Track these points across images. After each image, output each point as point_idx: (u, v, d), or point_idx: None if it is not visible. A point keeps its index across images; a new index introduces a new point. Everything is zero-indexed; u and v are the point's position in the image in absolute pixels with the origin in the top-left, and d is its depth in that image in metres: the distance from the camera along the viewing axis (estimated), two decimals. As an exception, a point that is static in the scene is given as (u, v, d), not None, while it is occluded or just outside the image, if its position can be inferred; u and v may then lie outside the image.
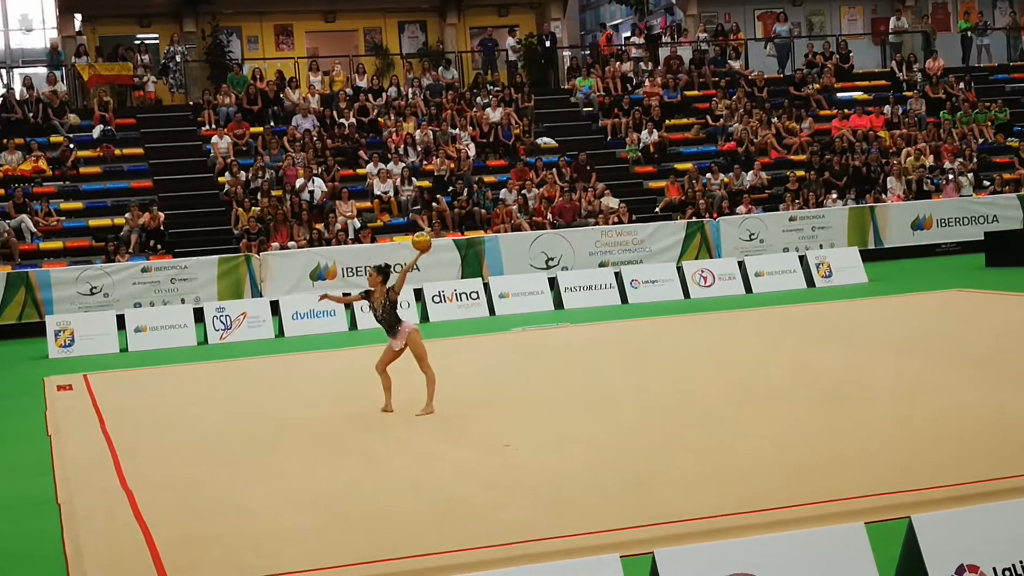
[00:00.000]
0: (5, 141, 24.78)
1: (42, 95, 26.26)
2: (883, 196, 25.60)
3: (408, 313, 19.00)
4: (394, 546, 7.34)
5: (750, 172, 26.17)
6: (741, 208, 24.73)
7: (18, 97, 26.42)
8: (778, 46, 31.65)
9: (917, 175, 26.31)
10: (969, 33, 32.69)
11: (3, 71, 28.34)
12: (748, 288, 20.89)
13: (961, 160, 26.95)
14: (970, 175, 26.51)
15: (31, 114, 25.84)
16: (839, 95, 30.11)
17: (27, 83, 26.68)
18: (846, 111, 28.76)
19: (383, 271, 11.52)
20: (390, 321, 11.46)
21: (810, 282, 21.17)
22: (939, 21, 34.16)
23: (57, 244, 22.76)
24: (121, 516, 8.38)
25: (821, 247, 23.19)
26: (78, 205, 24.10)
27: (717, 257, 22.82)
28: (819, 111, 29.26)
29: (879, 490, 7.90)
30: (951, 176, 26.16)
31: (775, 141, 27.66)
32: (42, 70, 28.24)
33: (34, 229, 22.75)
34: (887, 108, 29.16)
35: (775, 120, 28.23)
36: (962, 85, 30.42)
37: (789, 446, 9.40)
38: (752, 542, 5.98)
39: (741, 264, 21.39)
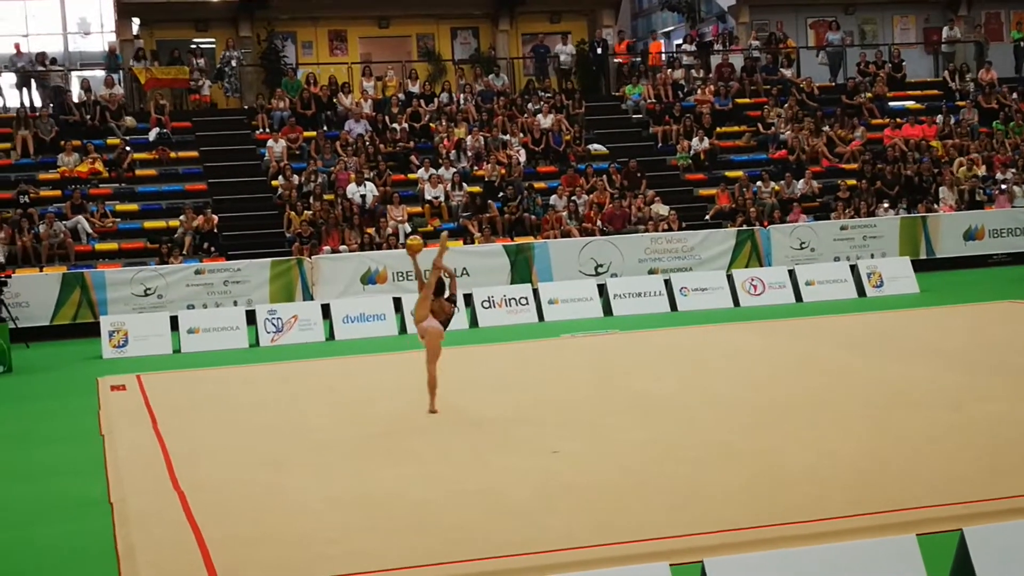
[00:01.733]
0: (63, 143, 24.94)
1: (99, 98, 26.43)
2: (935, 206, 25.33)
3: (458, 318, 18.80)
4: (440, 550, 7.35)
5: (801, 180, 25.95)
6: (792, 216, 24.54)
7: (76, 99, 26.58)
8: (830, 54, 31.29)
9: (969, 185, 25.99)
10: (1022, 43, 32.24)
11: (62, 73, 28.53)
12: (798, 297, 20.74)
13: (1014, 171, 26.61)
14: (1023, 186, 26.19)
15: (88, 116, 26.01)
16: (891, 104, 29.72)
17: (85, 86, 26.85)
18: (898, 120, 28.39)
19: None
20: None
21: (861, 292, 20.99)
22: (992, 31, 33.66)
23: (112, 245, 22.86)
24: (172, 516, 8.47)
25: (872, 256, 22.96)
26: (133, 207, 24.21)
27: (767, 265, 22.61)
28: (871, 120, 28.93)
29: (931, 502, 7.82)
30: (1004, 186, 25.82)
31: (826, 150, 27.40)
32: (100, 73, 28.33)
33: (90, 230, 22.90)
34: (939, 118, 28.80)
35: (826, 128, 27.97)
36: (1015, 96, 29.97)
37: (839, 456, 9.33)
38: (802, 552, 5.95)
39: (791, 273, 21.23)
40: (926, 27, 33.84)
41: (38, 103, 27.37)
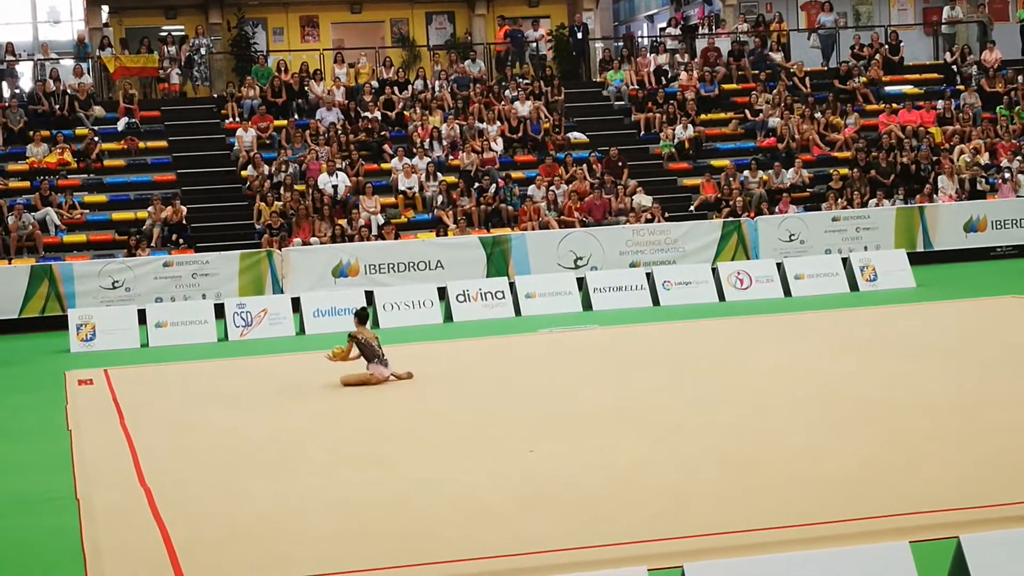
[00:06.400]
0: (32, 133, 25.01)
1: (68, 87, 26.43)
2: (934, 196, 24.74)
3: (432, 312, 19.60)
4: (412, 552, 7.39)
5: (791, 169, 25.52)
6: (780, 207, 24.15)
7: (44, 89, 26.52)
8: (822, 37, 30.73)
9: (971, 174, 25.44)
10: (1028, 22, 31.59)
11: (31, 63, 28.52)
12: (787, 291, 20.46)
13: (1020, 158, 25.97)
14: (1028, 174, 25.53)
15: (57, 106, 26.04)
16: (887, 89, 29.22)
17: (53, 75, 26.86)
18: (895, 106, 27.89)
19: (361, 315, 13.73)
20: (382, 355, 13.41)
21: (853, 286, 20.63)
22: (996, 10, 33.00)
23: (80, 237, 22.93)
24: (139, 515, 8.60)
25: (866, 249, 22.61)
26: (102, 198, 24.30)
27: (754, 258, 22.35)
28: (866, 106, 28.44)
29: (926, 507, 7.72)
30: (1008, 175, 25.24)
31: (818, 137, 26.97)
32: (69, 62, 28.42)
33: (58, 222, 22.98)
34: (939, 103, 28.21)
35: (818, 115, 27.52)
36: (1020, 79, 29.25)
37: (830, 459, 9.16)
38: (788, 558, 5.86)
39: (780, 266, 20.96)
40: (925, 7, 33.33)
41: (6, 93, 27.41)
